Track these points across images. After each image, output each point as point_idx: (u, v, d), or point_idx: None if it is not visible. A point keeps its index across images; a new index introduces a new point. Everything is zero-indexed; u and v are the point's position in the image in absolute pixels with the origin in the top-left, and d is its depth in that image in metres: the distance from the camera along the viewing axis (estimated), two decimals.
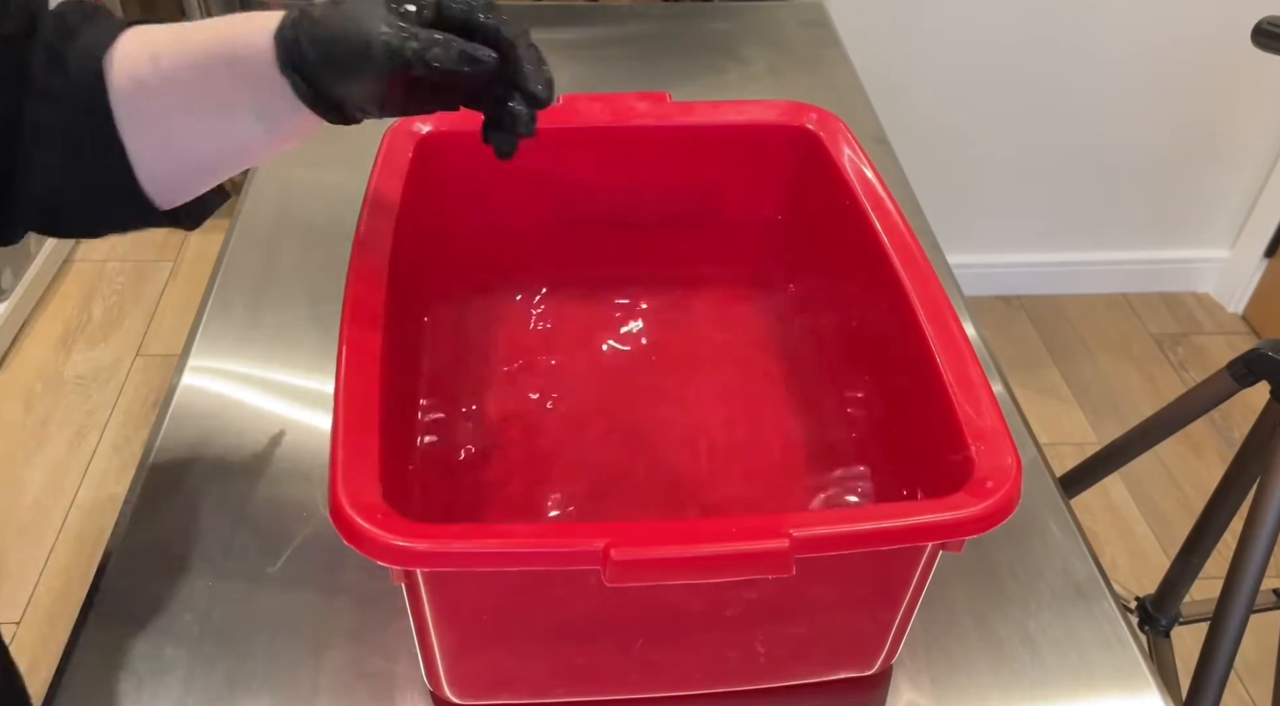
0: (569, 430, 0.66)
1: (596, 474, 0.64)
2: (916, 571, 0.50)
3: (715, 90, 1.08)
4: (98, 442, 1.71)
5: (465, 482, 0.63)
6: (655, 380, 0.70)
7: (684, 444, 0.66)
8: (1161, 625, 1.18)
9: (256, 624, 0.58)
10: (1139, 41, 1.76)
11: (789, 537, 0.43)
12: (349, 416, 0.47)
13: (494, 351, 0.71)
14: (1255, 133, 1.91)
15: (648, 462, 0.65)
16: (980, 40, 1.74)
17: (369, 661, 0.57)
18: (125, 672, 0.56)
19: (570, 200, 0.72)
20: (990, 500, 0.45)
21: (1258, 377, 0.98)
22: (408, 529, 0.43)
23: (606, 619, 0.50)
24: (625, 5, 1.24)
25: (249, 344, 0.75)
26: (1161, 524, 1.67)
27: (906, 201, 0.90)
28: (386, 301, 0.54)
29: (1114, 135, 1.89)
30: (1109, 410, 1.86)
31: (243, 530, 0.63)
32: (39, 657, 1.40)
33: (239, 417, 0.70)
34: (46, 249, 1.98)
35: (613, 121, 0.69)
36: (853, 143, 0.67)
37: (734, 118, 0.70)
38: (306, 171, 0.92)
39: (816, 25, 1.20)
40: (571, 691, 0.54)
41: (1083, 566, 0.64)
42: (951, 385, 0.51)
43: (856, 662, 0.56)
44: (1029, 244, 2.05)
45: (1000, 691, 0.58)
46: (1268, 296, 2.03)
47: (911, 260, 0.59)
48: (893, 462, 0.61)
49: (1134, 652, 0.60)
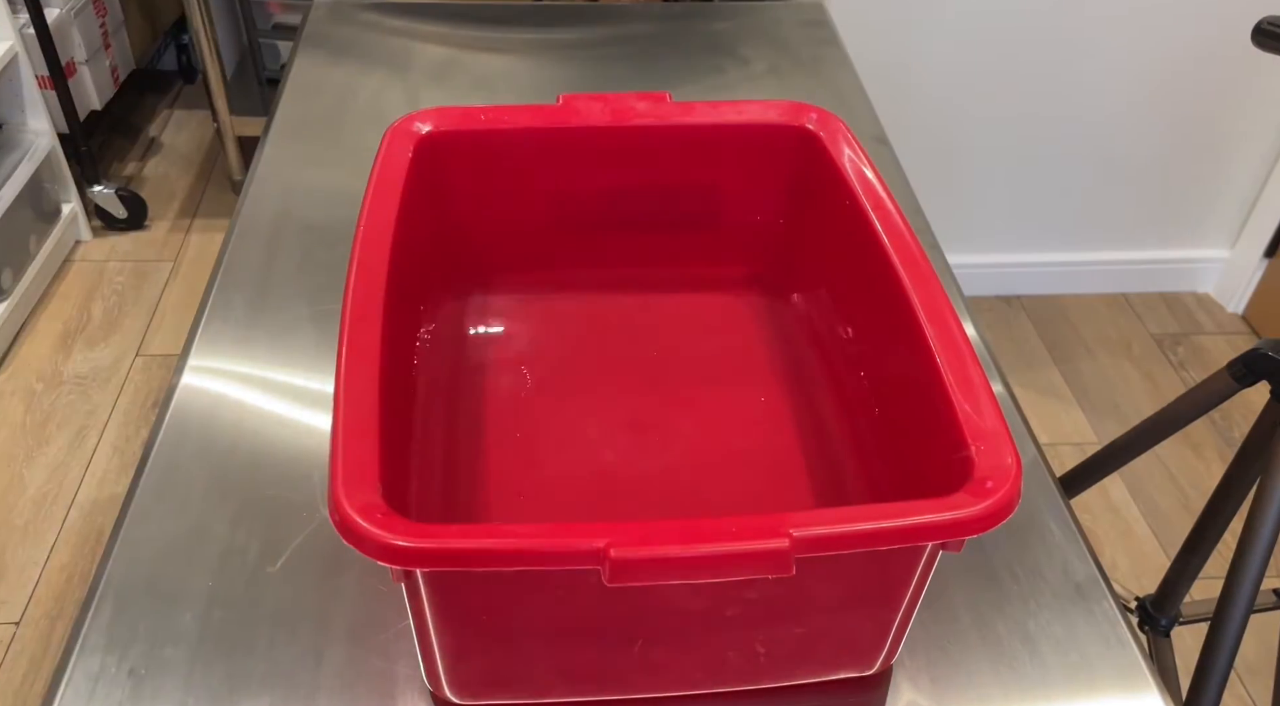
0: (569, 430, 0.66)
1: (596, 474, 0.64)
2: (916, 571, 0.50)
3: (715, 90, 1.08)
4: (98, 442, 1.71)
5: (465, 482, 0.63)
6: (655, 380, 0.70)
7: (684, 443, 0.66)
8: (1161, 625, 1.18)
9: (256, 624, 0.58)
10: (1139, 41, 1.76)
11: (789, 537, 0.43)
12: (349, 416, 0.47)
13: (494, 351, 0.71)
14: (1255, 133, 1.91)
15: (648, 462, 0.65)
16: (980, 41, 1.74)
17: (369, 661, 0.57)
18: (125, 672, 0.56)
19: (570, 200, 0.72)
20: (990, 500, 0.45)
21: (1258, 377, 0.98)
22: (408, 529, 0.43)
23: (606, 619, 0.50)
24: (625, 5, 1.24)
25: (249, 344, 0.75)
26: (1161, 524, 1.67)
27: (906, 201, 0.90)
28: (386, 301, 0.54)
29: (1114, 135, 1.89)
30: (1109, 410, 1.86)
31: (243, 530, 0.63)
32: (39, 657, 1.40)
33: (239, 418, 0.70)
34: (46, 249, 1.98)
35: (613, 121, 0.69)
36: (853, 143, 0.67)
37: (734, 118, 0.70)
38: (306, 171, 0.92)
39: (816, 25, 1.20)
40: (571, 691, 0.54)
41: (1083, 566, 0.64)
42: (951, 385, 0.51)
43: (856, 662, 0.56)
44: (1029, 244, 2.05)
45: (1000, 691, 0.58)
46: (1268, 296, 2.03)
47: (911, 260, 0.59)
48: (893, 462, 0.61)
49: (1134, 652, 0.60)
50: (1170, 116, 1.87)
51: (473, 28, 1.16)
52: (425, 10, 1.18)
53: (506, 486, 0.63)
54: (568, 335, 0.73)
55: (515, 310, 0.74)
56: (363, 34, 1.14)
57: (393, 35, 1.14)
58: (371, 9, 1.18)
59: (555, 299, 0.75)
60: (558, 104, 0.68)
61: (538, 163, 0.70)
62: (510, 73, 1.09)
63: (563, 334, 0.73)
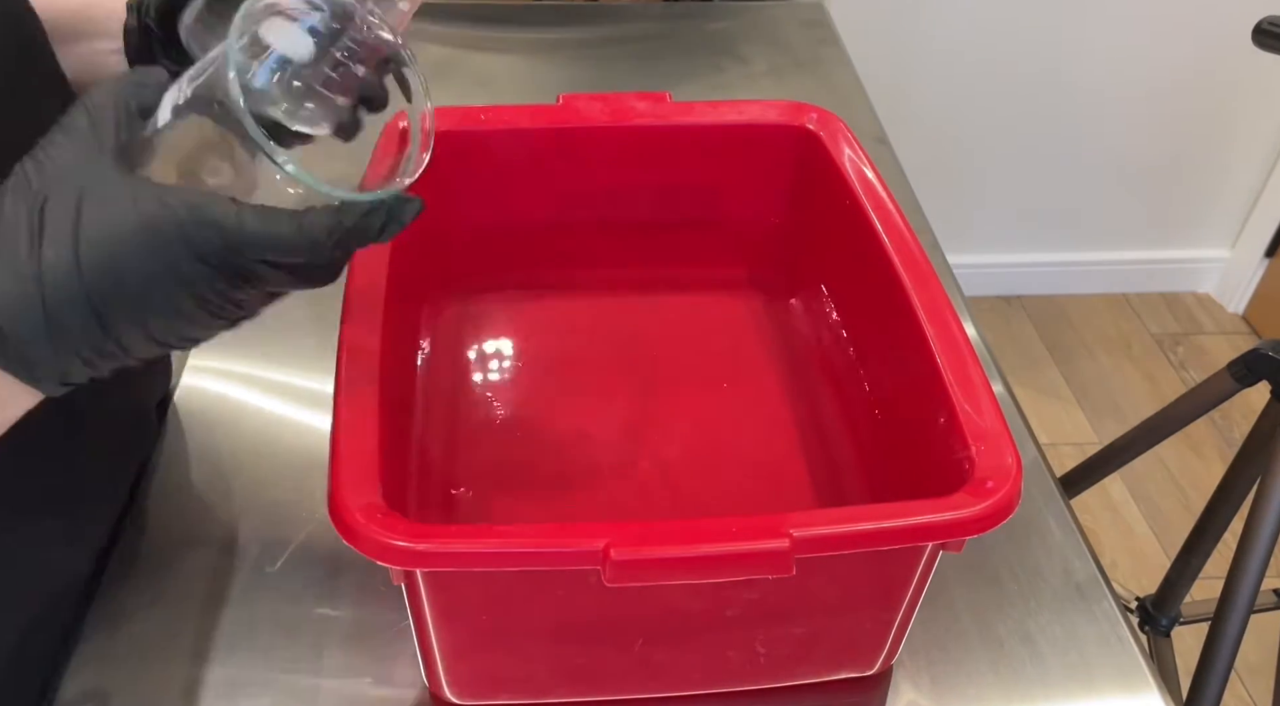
0: (568, 430, 0.66)
1: (596, 474, 0.64)
2: (916, 571, 0.50)
3: (715, 90, 1.08)
4: None
5: (465, 482, 0.63)
6: (655, 380, 0.70)
7: (684, 443, 0.66)
8: (1162, 625, 1.18)
9: (256, 624, 0.58)
10: (1140, 42, 1.76)
11: (789, 537, 0.43)
12: (349, 416, 0.47)
13: (493, 351, 0.71)
14: (1255, 133, 1.91)
15: (648, 462, 0.65)
16: (980, 40, 1.74)
17: (369, 661, 0.57)
18: (125, 672, 0.56)
19: (570, 200, 0.72)
20: (990, 500, 0.45)
21: (1258, 377, 0.98)
22: (408, 529, 0.43)
23: (606, 619, 0.50)
24: (625, 5, 1.24)
25: (249, 344, 0.75)
26: (1161, 524, 1.67)
27: (906, 201, 0.90)
28: (386, 301, 0.54)
29: (1114, 135, 1.89)
30: (1109, 410, 1.86)
31: (243, 530, 0.63)
32: None
33: (239, 417, 0.70)
34: None
35: (613, 121, 0.69)
36: (853, 143, 0.67)
37: (734, 118, 0.70)
38: None
39: (816, 25, 1.20)
40: (571, 691, 0.54)
41: (1083, 566, 0.64)
42: (951, 385, 0.51)
43: (856, 662, 0.56)
44: (1029, 244, 2.05)
45: (1000, 691, 0.58)
46: (1268, 296, 2.03)
47: (911, 260, 0.59)
48: (893, 463, 0.61)
49: (1134, 652, 0.60)
50: (1170, 116, 1.87)
51: (473, 28, 1.16)
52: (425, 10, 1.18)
53: (507, 486, 0.63)
54: (567, 335, 0.73)
55: (515, 310, 0.74)
56: None
57: None
58: None
59: (555, 299, 0.75)
60: (558, 104, 0.68)
61: (538, 163, 0.70)
62: (510, 73, 1.09)
63: (562, 334, 0.73)
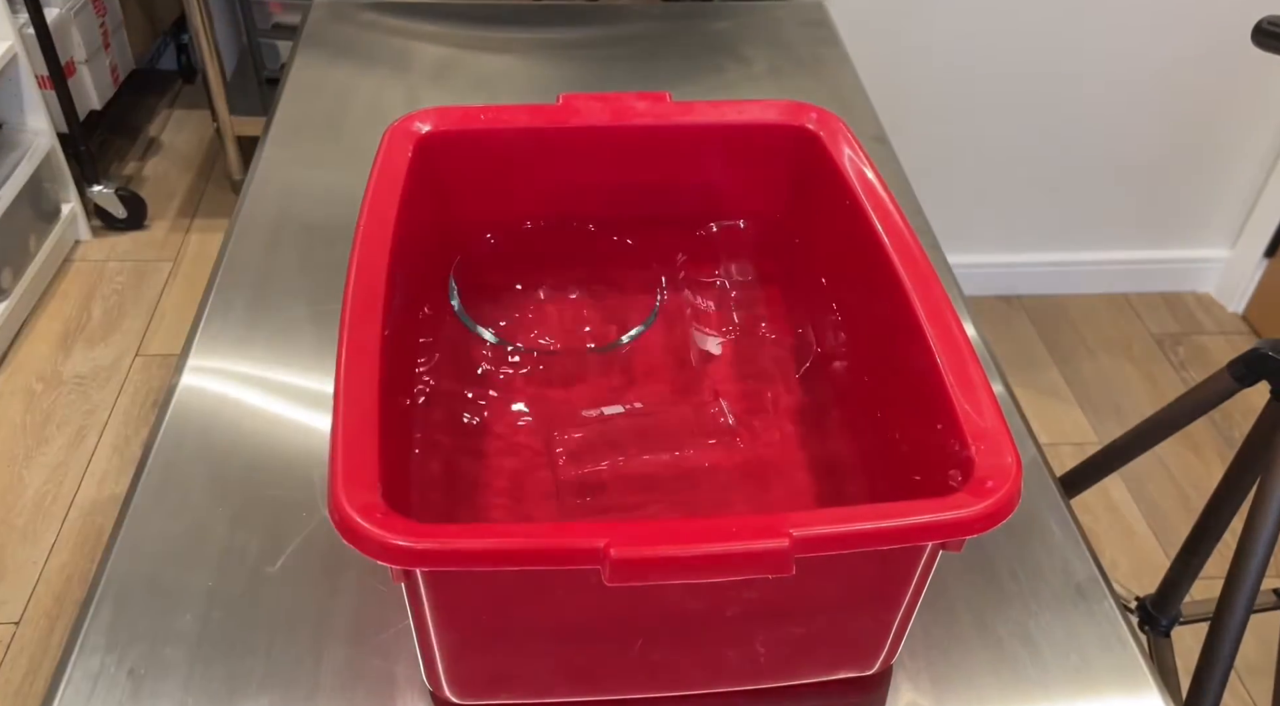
0: (568, 430, 0.66)
1: (596, 473, 0.64)
2: (916, 571, 0.50)
3: (715, 90, 1.08)
4: (97, 442, 1.71)
5: (465, 482, 0.63)
6: (655, 379, 0.70)
7: (684, 443, 0.66)
8: (1162, 625, 1.18)
9: (256, 624, 0.58)
10: (1139, 42, 1.76)
11: (789, 537, 0.43)
12: (349, 416, 0.47)
13: (493, 351, 0.71)
14: (1255, 133, 1.91)
15: (648, 462, 0.65)
16: (980, 40, 1.74)
17: (369, 661, 0.57)
18: (125, 673, 0.56)
19: (570, 200, 0.72)
20: (990, 500, 0.45)
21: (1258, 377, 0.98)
22: (408, 528, 0.43)
23: (606, 618, 0.50)
24: (625, 5, 1.24)
25: (249, 344, 0.75)
26: (1161, 524, 1.67)
27: (906, 201, 0.90)
28: (386, 301, 0.54)
29: (1114, 135, 1.89)
30: (1109, 410, 1.86)
31: (243, 530, 0.63)
32: (39, 657, 1.40)
33: (239, 418, 0.70)
34: (46, 249, 1.98)
35: (613, 121, 0.69)
36: (853, 142, 0.67)
37: (734, 117, 0.70)
38: (306, 171, 0.92)
39: (816, 25, 1.20)
40: (571, 691, 0.54)
41: (1083, 566, 0.64)
42: (951, 385, 0.51)
43: (856, 662, 0.56)
44: (1029, 244, 2.05)
45: (1000, 691, 0.58)
46: (1268, 296, 2.03)
47: (911, 260, 0.59)
48: (892, 462, 0.61)
49: (1134, 652, 0.60)
50: (1170, 116, 1.87)
51: (473, 28, 1.16)
52: (425, 10, 1.18)
53: (506, 486, 0.63)
54: (567, 334, 0.73)
55: (514, 309, 0.74)
56: (362, 34, 1.14)
57: (392, 35, 1.13)
58: (371, 9, 1.18)
59: (554, 299, 0.75)
60: (558, 104, 0.68)
61: (538, 163, 0.70)
62: (510, 73, 1.09)
63: (561, 333, 0.73)
